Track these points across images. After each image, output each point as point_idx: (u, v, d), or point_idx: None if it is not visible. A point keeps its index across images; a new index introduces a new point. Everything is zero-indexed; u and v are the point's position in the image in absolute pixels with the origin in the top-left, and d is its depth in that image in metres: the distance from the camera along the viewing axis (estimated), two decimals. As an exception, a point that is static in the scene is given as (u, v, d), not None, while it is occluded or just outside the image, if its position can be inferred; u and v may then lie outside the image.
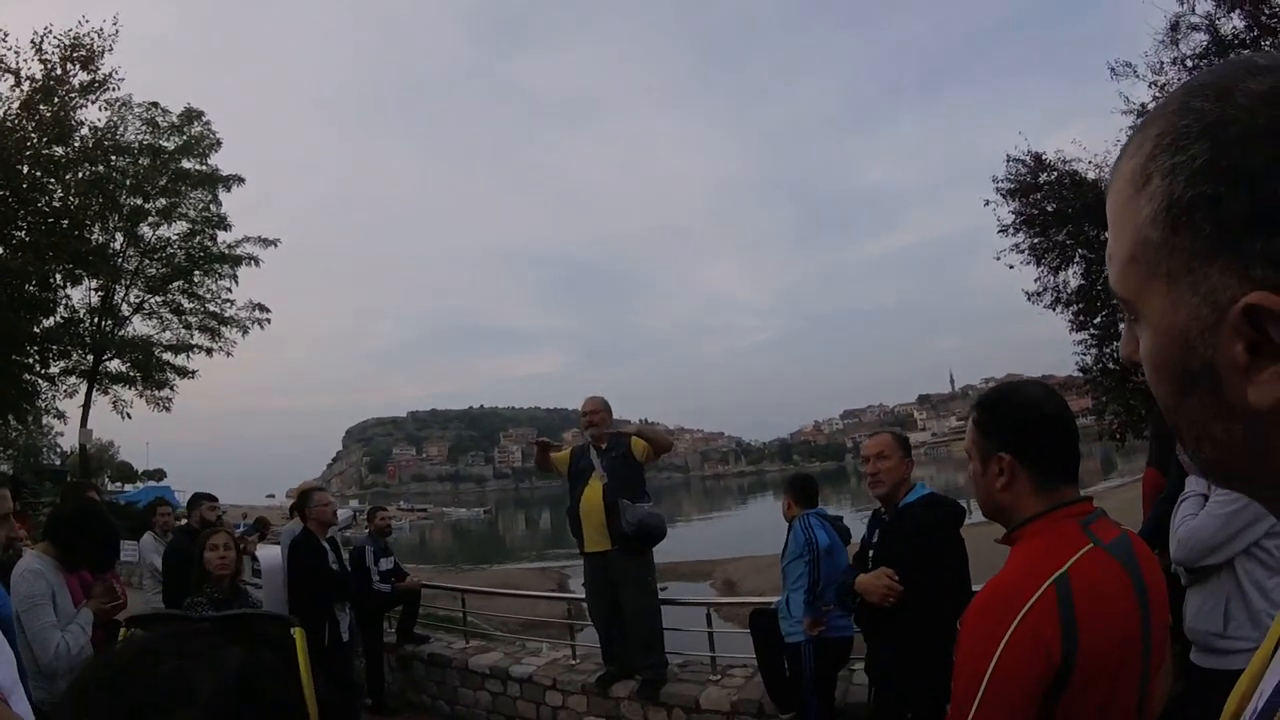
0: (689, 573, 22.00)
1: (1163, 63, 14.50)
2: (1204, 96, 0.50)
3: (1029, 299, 17.19)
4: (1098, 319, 16.69)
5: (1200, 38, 13.84)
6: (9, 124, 19.59)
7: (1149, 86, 14.64)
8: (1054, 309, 17.02)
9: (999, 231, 16.82)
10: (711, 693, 5.18)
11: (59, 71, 20.66)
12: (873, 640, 3.60)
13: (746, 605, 5.61)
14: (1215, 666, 2.67)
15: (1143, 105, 14.55)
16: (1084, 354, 16.98)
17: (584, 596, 5.81)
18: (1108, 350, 16.60)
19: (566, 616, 7.11)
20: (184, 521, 6.27)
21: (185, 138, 25.57)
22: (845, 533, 4.69)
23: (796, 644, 4.39)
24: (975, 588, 2.74)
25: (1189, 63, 13.90)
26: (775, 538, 5.18)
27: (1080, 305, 16.75)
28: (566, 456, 5.73)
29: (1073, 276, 16.83)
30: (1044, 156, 16.45)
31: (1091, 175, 15.85)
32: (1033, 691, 1.32)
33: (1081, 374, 17.00)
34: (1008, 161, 16.62)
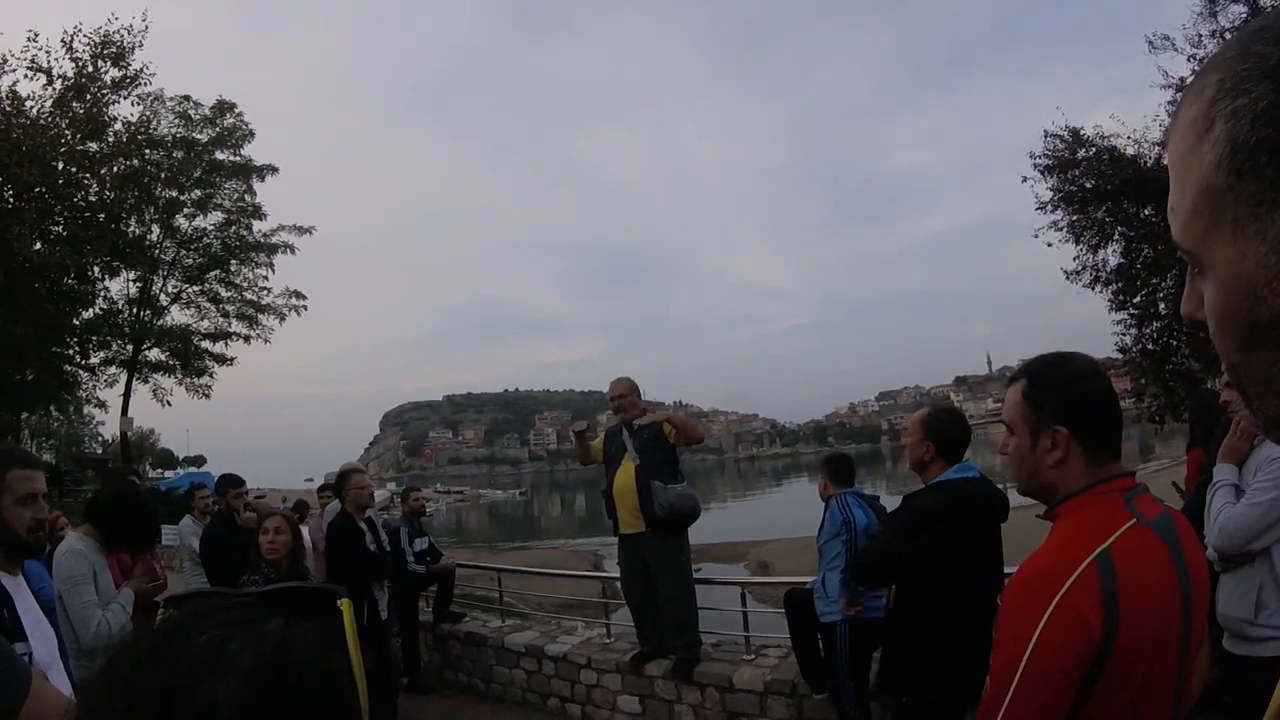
0: (723, 555, 22.02)
1: (1201, 35, 14.14)
2: (1263, 40, 0.48)
3: (1067, 278, 16.93)
4: (1137, 298, 16.44)
5: (1239, 9, 13.48)
6: (43, 122, 20.00)
7: (1187, 60, 14.32)
8: (1093, 288, 16.76)
9: (1037, 209, 16.57)
10: (745, 672, 5.17)
11: (90, 69, 21.05)
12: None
13: (781, 586, 5.58)
14: (1247, 654, 2.62)
15: (1181, 79, 14.23)
16: (1123, 334, 16.73)
17: (618, 576, 5.81)
18: (1147, 330, 16.34)
19: (601, 596, 7.13)
20: (217, 506, 6.35)
21: (218, 130, 26.00)
22: (882, 512, 4.60)
23: (832, 624, 4.35)
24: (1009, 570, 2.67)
25: (1228, 35, 13.59)
26: (809, 520, 5.13)
27: (1119, 284, 16.48)
28: (601, 443, 5.72)
29: (1112, 255, 16.55)
30: (1082, 132, 16.10)
31: (1130, 151, 15.56)
32: (1072, 670, 1.28)
33: (1120, 354, 16.70)
34: (1045, 137, 16.30)
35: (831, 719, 4.57)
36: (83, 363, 25.41)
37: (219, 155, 26.07)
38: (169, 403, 27.08)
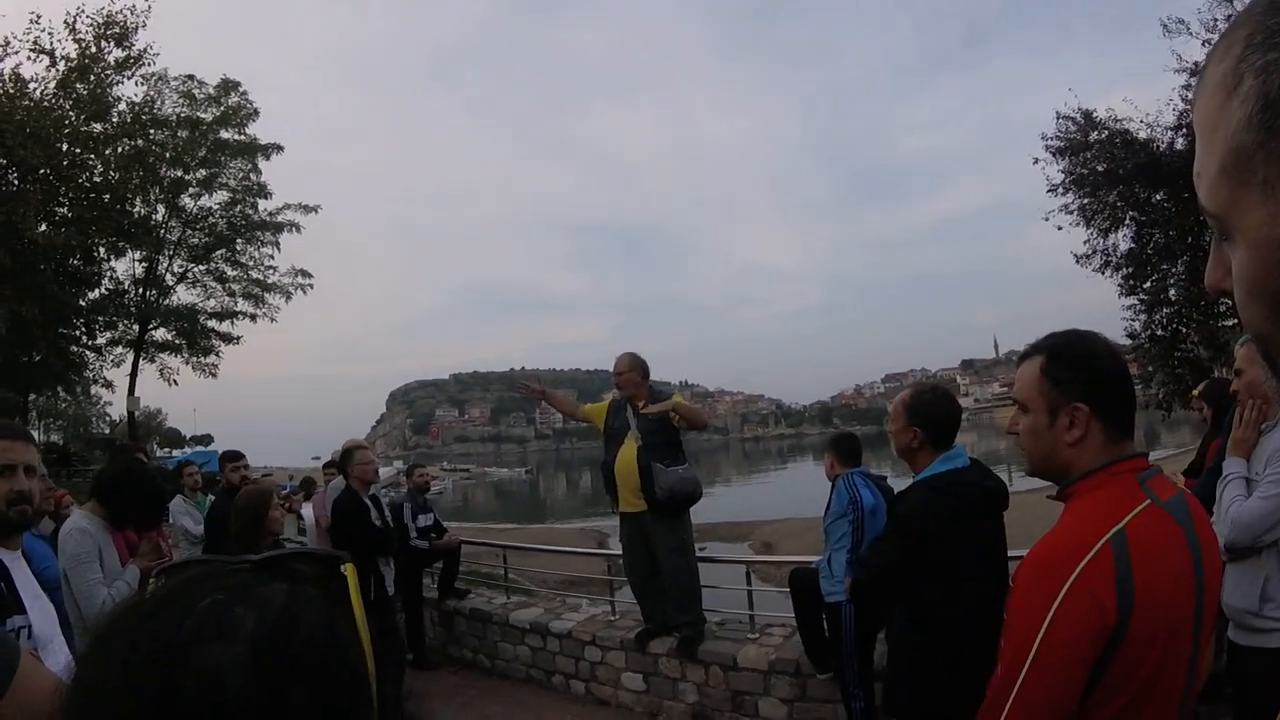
0: (727, 534, 22.06)
1: (1216, 19, 14.03)
2: None
3: (1077, 261, 16.97)
4: (1147, 284, 16.45)
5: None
6: (46, 104, 19.95)
7: (1202, 44, 14.22)
8: (1103, 273, 16.83)
9: (1048, 191, 16.59)
10: (749, 651, 5.18)
11: (93, 50, 20.95)
12: None
13: (785, 565, 5.58)
14: (1250, 644, 2.59)
15: (1196, 63, 14.10)
16: (1132, 320, 16.75)
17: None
18: (1157, 316, 16.35)
19: (606, 574, 7.15)
20: (221, 482, 6.38)
21: (223, 109, 25.93)
22: (889, 492, 4.56)
23: (837, 604, 4.33)
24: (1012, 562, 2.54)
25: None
26: (813, 501, 5.10)
27: (1130, 269, 16.50)
28: (604, 410, 5.67)
29: (1122, 239, 16.64)
30: (1094, 114, 16.07)
31: (1143, 135, 15.56)
32: (1086, 653, 1.26)
33: (1129, 340, 16.66)
34: (1058, 119, 16.31)
35: (835, 699, 4.58)
36: (89, 343, 25.48)
37: (224, 134, 25.97)
38: (175, 382, 27.20)
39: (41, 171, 19.52)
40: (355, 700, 0.60)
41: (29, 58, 20.07)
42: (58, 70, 20.53)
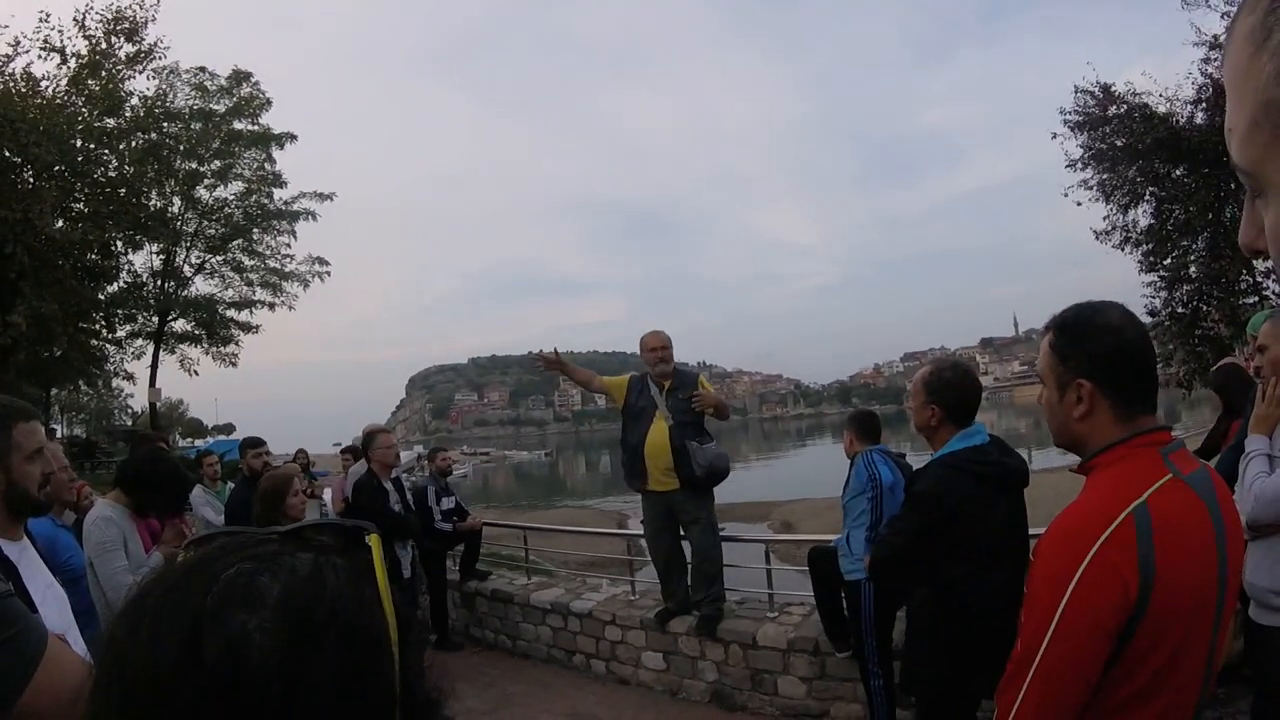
0: (746, 514, 21.99)
1: (1235, -9, 13.70)
2: None
3: (1097, 238, 16.81)
4: (1167, 260, 16.29)
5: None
6: (59, 101, 20.07)
7: (1221, 17, 13.99)
8: (1123, 249, 16.68)
9: (1066, 166, 16.41)
10: (769, 629, 5.19)
11: (104, 46, 21.07)
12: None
13: (804, 544, 5.57)
14: (1271, 624, 2.54)
15: (1215, 36, 13.89)
16: (1153, 297, 16.56)
17: (643, 534, 5.81)
18: (1177, 294, 16.20)
19: (626, 554, 7.18)
20: (242, 469, 6.43)
21: (235, 99, 26.10)
22: (908, 470, 4.53)
23: (856, 582, 4.31)
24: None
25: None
26: (832, 480, 5.08)
27: (1150, 245, 16.34)
28: (623, 383, 5.66)
29: (1142, 215, 16.48)
30: (1113, 88, 15.90)
31: (1162, 109, 15.38)
32: (1107, 626, 1.25)
33: (1150, 317, 16.48)
34: (1075, 93, 16.13)
35: (854, 677, 4.59)
36: (109, 337, 25.81)
37: (237, 125, 26.18)
38: (196, 372, 27.56)
39: (57, 168, 19.67)
40: (379, 668, 0.61)
41: (40, 56, 20.29)
42: (69, 67, 20.69)
